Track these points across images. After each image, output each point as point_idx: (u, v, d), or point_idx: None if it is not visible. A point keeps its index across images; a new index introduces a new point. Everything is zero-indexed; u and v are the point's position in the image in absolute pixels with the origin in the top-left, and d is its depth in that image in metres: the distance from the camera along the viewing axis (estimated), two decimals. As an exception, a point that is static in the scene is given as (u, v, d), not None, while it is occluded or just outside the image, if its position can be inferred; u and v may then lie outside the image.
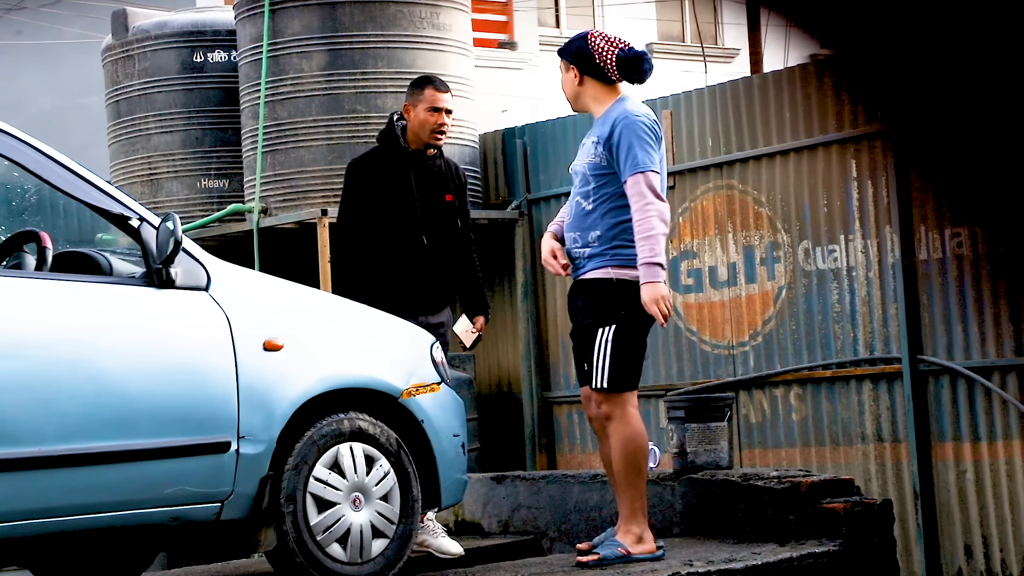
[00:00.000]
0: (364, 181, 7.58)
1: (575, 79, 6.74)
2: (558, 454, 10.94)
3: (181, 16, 11.39)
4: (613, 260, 6.56)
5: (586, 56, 6.69)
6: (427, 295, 7.59)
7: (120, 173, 11.40)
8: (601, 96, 6.72)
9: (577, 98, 6.78)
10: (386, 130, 7.65)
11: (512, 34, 22.22)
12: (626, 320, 6.54)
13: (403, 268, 7.52)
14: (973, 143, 8.84)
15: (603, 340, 6.53)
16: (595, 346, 6.55)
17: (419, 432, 6.45)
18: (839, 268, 9.45)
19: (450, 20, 10.44)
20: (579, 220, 6.64)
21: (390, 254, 7.52)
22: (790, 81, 9.67)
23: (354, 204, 7.58)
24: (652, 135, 6.55)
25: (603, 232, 6.58)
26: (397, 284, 7.51)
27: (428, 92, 7.54)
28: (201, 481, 5.82)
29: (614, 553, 6.56)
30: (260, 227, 10.44)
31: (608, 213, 6.58)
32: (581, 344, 6.66)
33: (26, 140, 5.74)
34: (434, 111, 7.53)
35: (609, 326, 6.53)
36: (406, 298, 7.48)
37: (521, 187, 11.05)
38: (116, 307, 5.76)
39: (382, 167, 7.58)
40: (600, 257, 6.58)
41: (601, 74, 6.68)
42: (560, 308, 10.87)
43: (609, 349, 6.52)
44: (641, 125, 6.54)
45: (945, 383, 9.05)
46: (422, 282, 7.56)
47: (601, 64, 6.65)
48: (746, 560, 6.62)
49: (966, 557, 9.01)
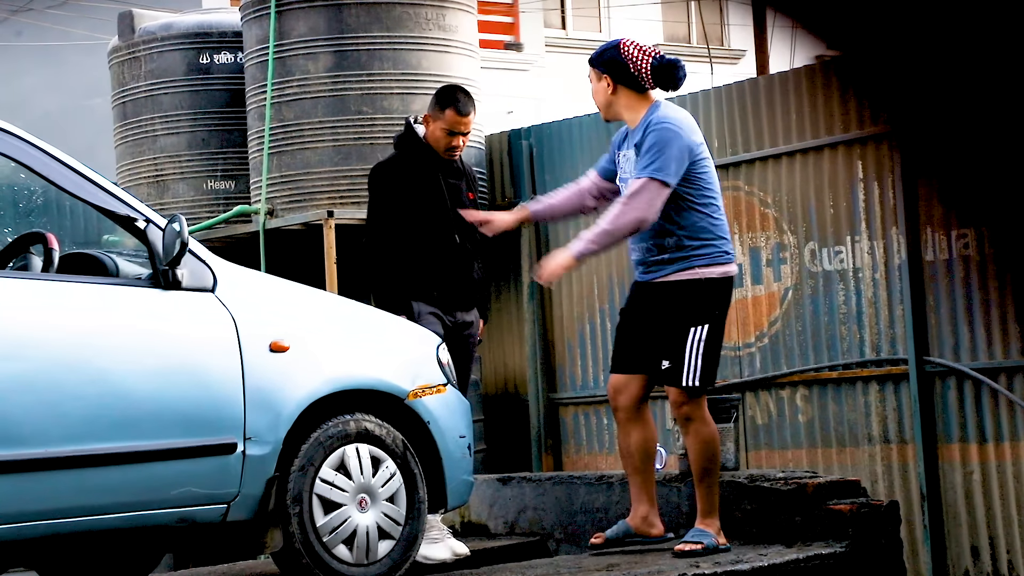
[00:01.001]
0: (393, 185, 7.59)
1: (608, 88, 6.84)
2: (564, 455, 10.93)
3: (187, 18, 11.39)
4: (699, 260, 6.73)
5: (620, 65, 6.78)
6: (462, 292, 7.67)
7: (126, 174, 11.40)
8: (635, 104, 6.83)
9: (609, 107, 6.89)
10: (405, 134, 7.69)
11: (518, 36, 22.24)
12: (718, 319, 6.75)
13: (440, 267, 7.57)
14: (979, 144, 8.83)
15: (696, 339, 6.72)
16: (686, 345, 6.72)
17: (425, 433, 6.45)
18: (845, 269, 9.45)
19: (456, 22, 10.44)
20: (647, 230, 6.73)
21: (426, 254, 7.56)
22: (796, 82, 9.67)
23: (385, 208, 7.59)
24: (682, 142, 6.64)
25: (681, 235, 6.73)
26: (436, 283, 7.56)
27: (449, 115, 7.56)
28: (207, 482, 5.82)
29: (712, 542, 6.80)
30: (266, 228, 10.44)
31: (680, 215, 6.73)
32: (650, 342, 6.79)
33: (32, 141, 5.75)
34: (451, 134, 7.58)
35: (702, 325, 6.72)
36: (445, 296, 7.57)
37: (527, 188, 11.04)
38: (122, 308, 5.77)
39: (408, 170, 7.60)
40: (684, 260, 6.73)
41: (635, 83, 6.80)
42: (566, 309, 10.87)
43: (702, 349, 6.71)
44: (669, 131, 6.63)
45: (952, 384, 9.05)
46: (457, 279, 7.63)
47: (636, 73, 6.78)
48: (752, 561, 6.63)
49: (973, 558, 9.00)
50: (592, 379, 10.73)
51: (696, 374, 6.72)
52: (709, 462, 6.83)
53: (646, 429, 6.97)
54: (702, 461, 6.83)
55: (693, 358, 6.72)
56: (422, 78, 10.10)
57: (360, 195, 10.04)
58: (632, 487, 7.08)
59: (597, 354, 10.69)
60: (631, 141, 6.84)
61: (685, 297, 6.73)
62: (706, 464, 6.84)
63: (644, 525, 7.06)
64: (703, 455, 6.83)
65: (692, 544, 6.78)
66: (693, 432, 6.82)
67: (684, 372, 6.74)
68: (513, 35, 22.22)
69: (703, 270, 6.73)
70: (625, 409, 6.92)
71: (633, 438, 6.97)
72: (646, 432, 6.98)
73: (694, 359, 6.72)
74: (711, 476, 6.86)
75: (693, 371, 6.73)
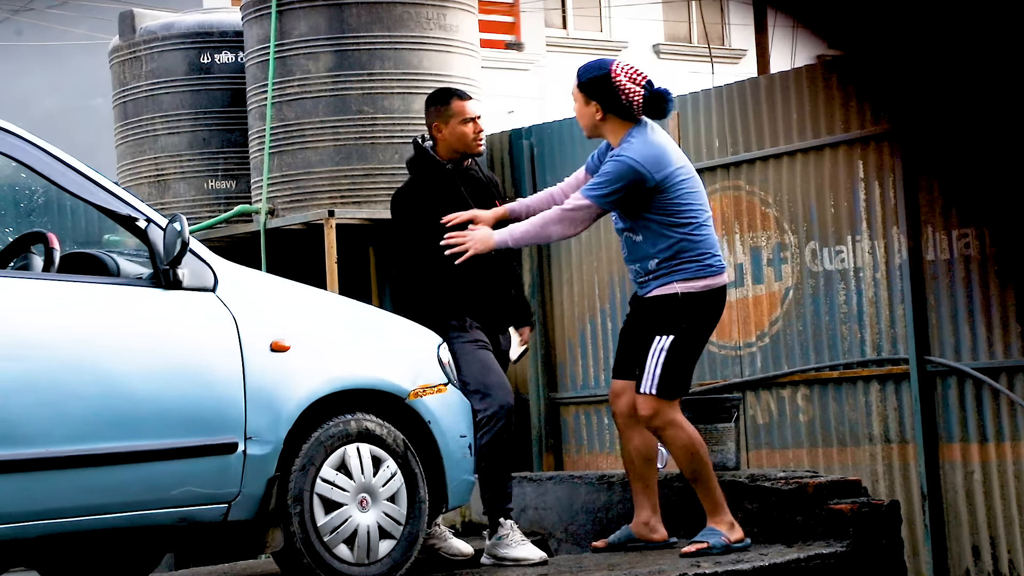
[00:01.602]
0: (419, 209, 7.24)
1: (596, 114, 6.86)
2: (565, 455, 10.93)
3: (188, 17, 11.39)
4: (678, 275, 6.82)
5: (611, 94, 6.81)
6: (505, 307, 7.41)
7: (127, 174, 11.40)
8: (619, 130, 6.93)
9: (596, 130, 7.00)
10: (417, 156, 7.37)
11: (519, 35, 22.25)
12: (685, 332, 6.82)
13: (483, 284, 7.27)
14: (980, 144, 8.83)
15: (658, 349, 6.80)
16: (649, 353, 6.81)
17: (426, 433, 6.45)
18: (846, 269, 9.45)
19: (457, 21, 10.44)
20: (633, 251, 6.92)
21: (462, 274, 7.16)
22: (797, 82, 9.67)
23: (415, 234, 7.24)
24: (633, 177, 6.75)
25: (660, 257, 6.84)
26: (481, 301, 7.27)
27: (456, 105, 7.34)
28: (208, 482, 5.83)
29: (720, 542, 6.81)
30: (267, 228, 10.44)
31: (657, 239, 6.84)
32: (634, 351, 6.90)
33: (33, 141, 5.75)
34: (467, 122, 7.34)
35: (666, 335, 6.81)
36: (491, 313, 7.32)
37: (528, 188, 11.04)
38: (123, 308, 5.77)
39: (431, 191, 7.28)
40: (664, 276, 6.85)
41: (626, 113, 6.84)
42: (566, 309, 10.87)
43: (662, 358, 6.80)
44: (628, 166, 6.77)
45: (953, 384, 9.05)
46: (500, 293, 7.37)
47: (627, 103, 6.80)
48: (753, 561, 6.63)
49: (974, 558, 9.00)
50: (593, 379, 10.73)
51: (654, 383, 6.79)
52: (695, 465, 6.86)
53: (645, 434, 7.00)
54: (687, 466, 6.87)
55: (653, 367, 6.80)
56: (423, 78, 10.10)
57: (361, 194, 10.05)
58: (634, 492, 7.11)
59: (598, 353, 10.69)
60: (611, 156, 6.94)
61: (658, 310, 6.84)
62: (693, 467, 6.87)
63: (646, 530, 7.08)
64: (685, 460, 6.86)
65: (698, 544, 6.81)
66: (669, 440, 6.87)
67: (644, 379, 6.82)
68: (514, 35, 22.23)
69: (681, 284, 6.82)
70: (623, 415, 7.03)
71: (633, 443, 7.04)
72: (645, 437, 7.01)
73: (654, 368, 6.80)
74: (703, 477, 6.88)
75: (651, 379, 6.80)
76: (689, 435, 6.86)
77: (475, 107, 7.46)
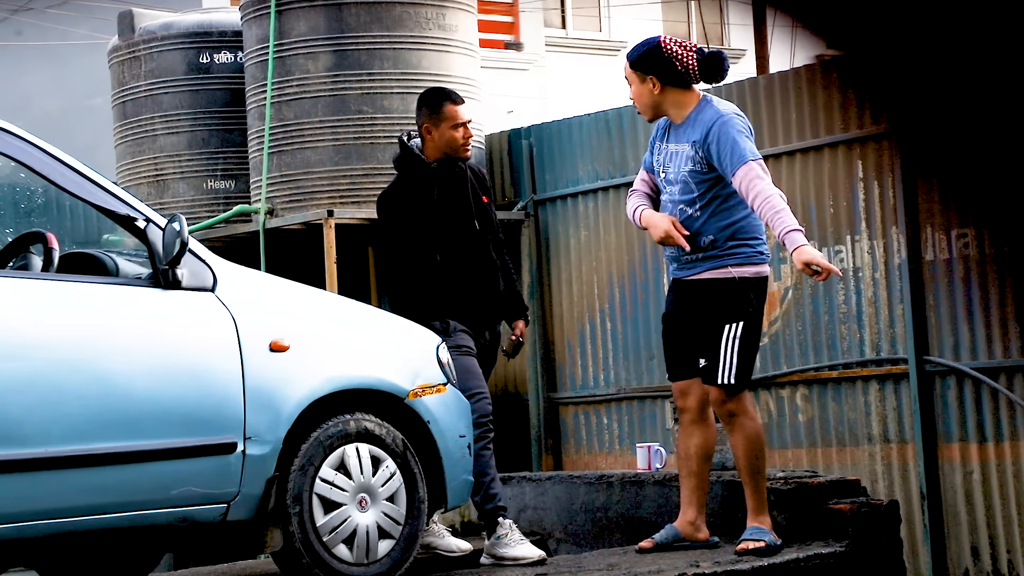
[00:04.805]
0: (403, 208, 7.25)
1: (654, 89, 6.74)
2: (564, 455, 10.93)
3: (187, 17, 11.39)
4: (733, 259, 6.71)
5: (666, 65, 6.70)
6: (494, 303, 7.40)
7: (126, 174, 11.40)
8: (683, 101, 6.78)
9: (656, 107, 6.81)
10: (403, 155, 7.35)
11: (518, 35, 22.23)
12: (752, 317, 6.72)
13: (468, 282, 7.28)
14: (979, 143, 8.83)
15: (730, 337, 6.71)
16: (721, 343, 6.71)
17: (425, 433, 6.45)
18: (845, 269, 9.44)
19: (456, 21, 10.44)
20: (686, 226, 6.73)
21: (450, 271, 7.22)
22: (796, 82, 9.67)
23: (403, 235, 7.23)
24: (748, 128, 6.68)
25: (717, 235, 6.72)
26: (467, 299, 7.27)
27: (448, 109, 7.27)
28: (208, 482, 5.83)
29: (773, 540, 6.77)
30: (266, 228, 10.44)
31: (719, 215, 6.72)
32: (693, 342, 6.79)
33: (32, 141, 5.75)
34: (458, 127, 7.27)
35: (737, 323, 6.71)
36: (479, 311, 7.32)
37: (527, 188, 11.05)
38: (122, 308, 5.77)
39: (418, 190, 7.27)
40: (717, 258, 6.73)
41: (683, 80, 6.73)
42: (566, 309, 10.87)
43: (737, 346, 6.71)
44: (737, 121, 6.65)
45: (952, 384, 9.05)
46: (488, 290, 7.36)
47: (683, 70, 6.69)
48: (752, 561, 6.63)
49: (973, 558, 9.00)
50: (592, 379, 10.73)
51: (732, 372, 6.71)
52: (756, 458, 6.79)
53: (708, 432, 6.93)
54: (750, 457, 6.79)
55: (729, 356, 6.71)
56: (422, 78, 10.09)
57: (360, 194, 10.05)
58: (684, 489, 7.00)
59: (597, 354, 10.69)
60: (679, 136, 6.77)
61: (719, 295, 6.72)
62: (754, 460, 6.79)
63: (692, 529, 7.01)
64: (750, 451, 6.78)
65: (754, 542, 6.75)
66: (738, 428, 6.78)
67: (720, 370, 6.73)
68: (513, 35, 22.20)
69: (736, 269, 6.71)
70: (691, 411, 6.90)
71: (694, 440, 6.92)
72: (707, 435, 6.93)
73: (730, 357, 6.71)
74: (760, 472, 6.81)
75: (729, 369, 6.72)
76: (758, 427, 6.81)
77: (467, 111, 7.38)
